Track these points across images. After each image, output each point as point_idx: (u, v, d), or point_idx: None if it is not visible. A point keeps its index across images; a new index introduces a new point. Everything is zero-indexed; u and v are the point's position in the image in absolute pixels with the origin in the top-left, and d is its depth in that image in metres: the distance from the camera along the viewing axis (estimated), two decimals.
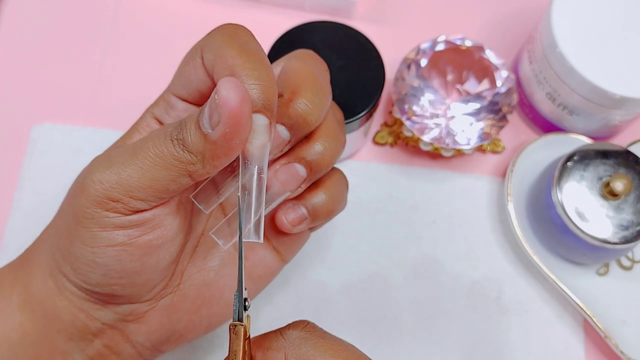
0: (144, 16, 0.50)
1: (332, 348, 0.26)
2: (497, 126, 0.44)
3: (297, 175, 0.29)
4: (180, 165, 0.25)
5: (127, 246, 0.27)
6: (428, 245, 0.45)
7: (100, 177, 0.26)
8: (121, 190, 0.26)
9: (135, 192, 0.26)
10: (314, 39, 0.42)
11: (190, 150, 0.25)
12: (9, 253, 0.42)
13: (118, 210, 0.26)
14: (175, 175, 0.26)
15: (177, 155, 0.25)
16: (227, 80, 0.24)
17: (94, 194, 0.26)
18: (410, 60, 0.44)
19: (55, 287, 0.30)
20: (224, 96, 0.24)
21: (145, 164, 0.25)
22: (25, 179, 0.44)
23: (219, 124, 0.24)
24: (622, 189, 0.40)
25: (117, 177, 0.26)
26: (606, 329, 0.42)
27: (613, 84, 0.41)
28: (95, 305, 0.30)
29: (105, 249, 0.27)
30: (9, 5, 0.50)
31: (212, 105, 0.24)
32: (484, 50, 0.44)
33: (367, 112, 0.41)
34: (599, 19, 0.42)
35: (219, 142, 0.25)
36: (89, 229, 0.27)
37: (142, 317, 0.31)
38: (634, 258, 0.45)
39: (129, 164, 0.26)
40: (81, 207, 0.27)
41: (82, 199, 0.27)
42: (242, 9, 0.51)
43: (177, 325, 0.32)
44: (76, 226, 0.27)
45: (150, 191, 0.26)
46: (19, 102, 0.47)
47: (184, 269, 0.32)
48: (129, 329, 0.31)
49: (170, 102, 0.30)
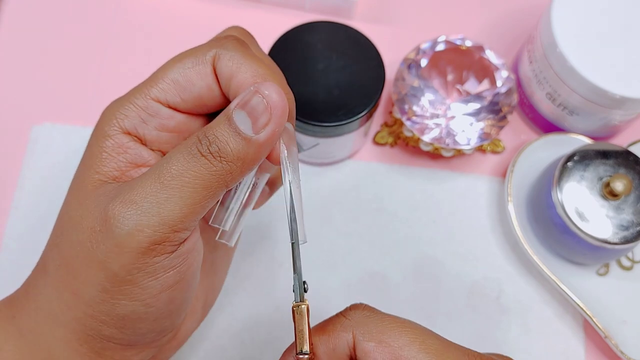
0: (144, 16, 0.50)
1: (397, 321, 0.27)
2: (497, 126, 0.44)
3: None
4: (220, 178, 0.24)
5: (179, 284, 0.26)
6: (428, 245, 0.45)
7: (137, 226, 0.23)
8: (165, 229, 0.24)
9: (179, 225, 0.24)
10: (314, 39, 0.42)
11: (229, 160, 0.24)
12: (9, 253, 0.43)
13: (166, 251, 0.24)
14: (216, 191, 0.25)
15: (216, 169, 0.24)
16: (271, 85, 0.25)
17: (138, 247, 0.24)
18: (410, 60, 0.44)
19: (91, 352, 0.27)
20: (275, 99, 0.25)
21: (185, 191, 0.24)
22: (25, 179, 0.44)
23: (268, 124, 0.25)
24: (622, 189, 0.40)
25: (158, 217, 0.23)
26: (606, 329, 0.42)
27: (613, 84, 0.41)
28: (95, 355, 0.27)
29: (159, 296, 0.25)
30: (9, 5, 0.50)
31: (259, 108, 0.25)
32: (484, 50, 0.44)
33: (367, 112, 0.41)
34: (599, 19, 0.42)
35: (265, 144, 0.25)
36: (138, 284, 0.24)
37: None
38: (634, 258, 0.45)
39: (165, 199, 0.24)
40: (123, 266, 0.24)
41: (121, 258, 0.24)
42: (242, 9, 0.51)
43: (144, 339, 0.28)
44: (119, 287, 0.24)
45: (192, 217, 0.24)
46: (19, 102, 0.47)
47: None
48: None
49: (149, 109, 0.27)
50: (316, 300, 0.44)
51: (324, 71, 0.41)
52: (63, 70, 0.48)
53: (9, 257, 0.42)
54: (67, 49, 0.49)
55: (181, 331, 0.31)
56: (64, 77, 0.48)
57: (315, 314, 0.43)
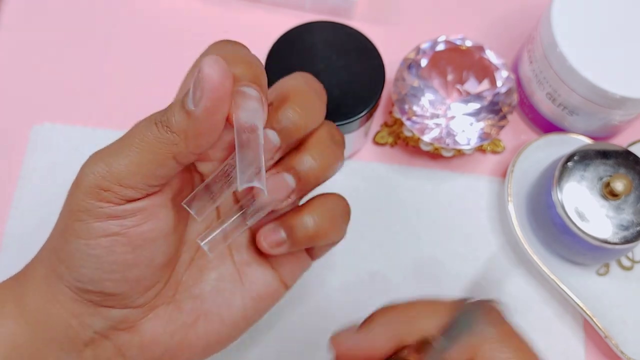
0: (144, 16, 0.50)
1: None
2: (497, 126, 0.44)
3: (285, 185, 0.29)
4: (164, 147, 0.26)
5: (120, 236, 0.27)
6: (428, 245, 0.45)
7: (91, 169, 0.27)
8: (111, 179, 0.26)
9: (125, 180, 0.26)
10: (314, 39, 0.42)
11: (173, 131, 0.26)
12: (9, 253, 0.43)
13: (110, 200, 0.27)
14: (161, 158, 0.26)
15: (161, 137, 0.26)
16: (209, 57, 0.25)
17: (87, 186, 0.27)
18: (410, 60, 0.44)
19: (49, 292, 0.29)
20: (205, 71, 0.25)
21: (132, 151, 0.26)
22: (25, 179, 0.44)
23: (201, 98, 0.25)
24: (622, 189, 0.40)
25: (107, 166, 0.27)
26: (606, 329, 0.42)
27: (613, 84, 0.41)
28: (88, 309, 0.29)
29: (98, 240, 0.27)
30: (9, 5, 0.50)
31: (195, 82, 0.25)
32: (484, 50, 0.44)
33: (367, 112, 0.41)
34: (599, 19, 0.42)
35: (201, 118, 0.25)
36: (84, 221, 0.27)
37: (134, 327, 0.30)
38: (634, 258, 0.45)
39: (116, 154, 0.27)
40: (76, 200, 0.27)
41: (77, 193, 0.27)
42: (242, 9, 0.51)
43: (171, 341, 0.31)
44: (72, 222, 0.28)
45: (138, 177, 0.26)
46: (19, 102, 0.47)
47: (180, 279, 0.32)
48: (121, 340, 0.30)
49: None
50: (316, 300, 0.44)
51: (324, 71, 0.41)
52: (63, 70, 0.48)
53: (9, 257, 0.42)
54: (67, 48, 0.49)
55: (145, 328, 0.30)
56: (64, 77, 0.48)
57: (316, 314, 0.44)
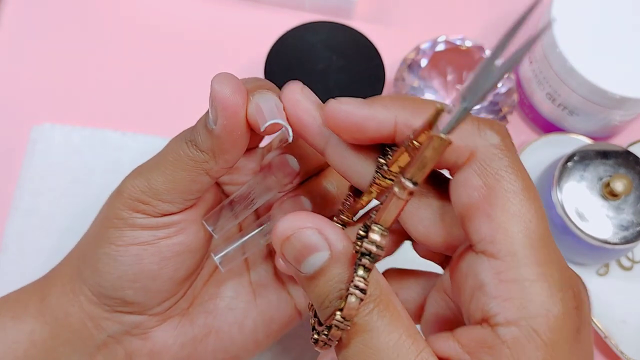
0: (144, 16, 0.50)
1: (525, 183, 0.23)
2: None
3: (302, 208, 0.30)
4: (196, 164, 0.27)
5: (150, 245, 0.28)
6: None
7: (132, 184, 0.28)
8: (150, 193, 0.28)
9: (163, 195, 0.28)
10: (314, 39, 0.42)
11: (201, 149, 0.27)
12: (9, 253, 0.42)
13: (148, 213, 0.28)
14: (195, 175, 0.27)
15: (192, 155, 0.27)
16: (219, 74, 0.26)
17: (127, 198, 0.28)
18: (410, 61, 0.44)
19: (71, 292, 0.30)
20: (216, 89, 0.25)
21: (167, 168, 0.27)
22: (25, 179, 0.44)
23: (218, 117, 0.25)
24: (622, 189, 0.40)
25: (147, 182, 0.28)
26: (606, 329, 0.42)
27: (613, 84, 0.41)
28: (104, 313, 0.30)
29: (128, 247, 0.28)
30: (9, 5, 0.50)
31: (210, 100, 0.26)
32: (484, 51, 0.44)
33: None
34: (598, 19, 0.42)
35: (222, 136, 0.26)
36: (118, 228, 0.28)
37: (147, 334, 0.31)
38: (634, 258, 0.45)
39: (154, 170, 0.28)
40: (114, 209, 0.29)
41: (116, 203, 0.28)
42: (242, 9, 0.51)
43: (181, 352, 0.31)
44: (106, 229, 0.29)
45: (174, 193, 0.28)
46: (19, 102, 0.47)
47: (197, 293, 0.32)
48: (133, 346, 0.31)
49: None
50: None
51: (324, 71, 0.41)
52: (63, 71, 0.48)
53: (9, 257, 0.42)
54: (67, 49, 0.49)
55: (156, 337, 0.31)
56: (64, 77, 0.48)
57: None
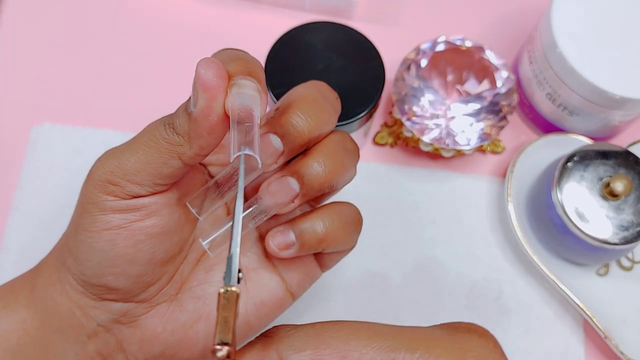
0: (144, 16, 0.50)
1: (327, 324, 0.26)
2: (497, 126, 0.44)
3: (289, 189, 0.29)
4: (170, 147, 0.27)
5: (122, 229, 0.28)
6: (428, 245, 0.45)
7: (103, 164, 0.28)
8: (120, 173, 0.27)
9: (132, 176, 0.27)
10: (314, 39, 0.42)
11: (178, 132, 0.27)
12: (9, 253, 0.43)
13: (117, 194, 0.28)
14: (167, 158, 0.27)
15: (167, 137, 0.27)
16: (204, 59, 0.26)
17: (97, 179, 0.28)
18: (410, 61, 0.44)
19: (58, 282, 0.30)
20: (200, 72, 0.25)
21: (141, 149, 0.27)
22: (25, 179, 0.44)
23: (198, 99, 0.26)
24: (622, 189, 0.40)
25: (116, 161, 0.28)
26: (606, 329, 0.42)
27: (613, 84, 0.41)
28: (92, 301, 0.30)
29: (101, 233, 0.28)
30: (9, 5, 0.50)
31: (193, 84, 0.26)
32: (484, 51, 0.44)
33: (367, 112, 0.41)
34: (599, 19, 0.42)
35: (199, 118, 0.26)
36: (91, 213, 0.28)
37: (136, 321, 0.31)
38: (634, 258, 0.45)
39: (126, 151, 0.28)
40: (86, 193, 0.28)
41: (87, 186, 0.28)
42: (242, 9, 0.51)
43: (171, 339, 0.31)
44: (81, 214, 0.29)
45: (145, 174, 0.27)
46: (19, 102, 0.47)
47: (185, 279, 0.32)
48: (123, 334, 0.31)
49: None
50: (316, 300, 0.44)
51: (324, 71, 0.41)
52: (63, 71, 0.48)
53: (9, 257, 0.42)
54: (67, 49, 0.49)
55: (146, 324, 0.31)
56: (64, 77, 0.48)
57: (315, 314, 0.44)
